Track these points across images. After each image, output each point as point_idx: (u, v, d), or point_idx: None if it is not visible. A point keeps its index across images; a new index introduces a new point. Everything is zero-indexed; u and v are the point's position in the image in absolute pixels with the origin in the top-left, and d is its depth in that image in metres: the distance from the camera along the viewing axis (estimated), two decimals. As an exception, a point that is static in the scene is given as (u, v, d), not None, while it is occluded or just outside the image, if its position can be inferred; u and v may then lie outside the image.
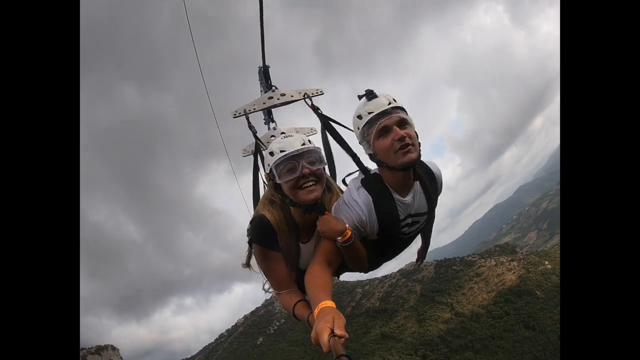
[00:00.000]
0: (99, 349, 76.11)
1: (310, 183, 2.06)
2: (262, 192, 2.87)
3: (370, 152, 2.12)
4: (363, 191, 2.13)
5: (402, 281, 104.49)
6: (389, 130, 2.00)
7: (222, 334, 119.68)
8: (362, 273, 2.56)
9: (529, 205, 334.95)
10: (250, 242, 2.23)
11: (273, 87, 3.60)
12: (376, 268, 2.58)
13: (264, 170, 2.22)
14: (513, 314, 77.21)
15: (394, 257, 2.56)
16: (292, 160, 2.05)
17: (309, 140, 2.17)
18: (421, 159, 2.16)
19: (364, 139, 2.12)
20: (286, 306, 2.23)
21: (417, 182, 2.21)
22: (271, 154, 2.11)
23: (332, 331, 1.34)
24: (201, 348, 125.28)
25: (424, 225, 2.40)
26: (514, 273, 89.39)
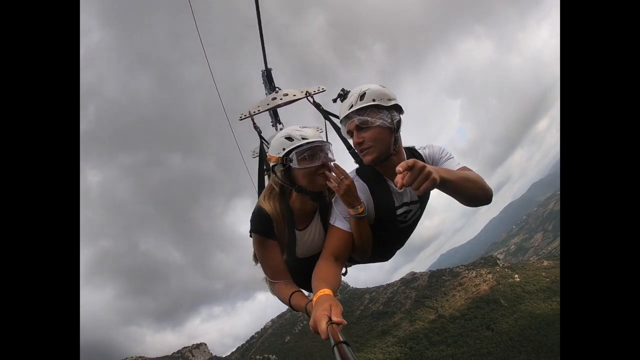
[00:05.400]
0: (197, 346, 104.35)
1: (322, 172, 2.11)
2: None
3: None
4: (358, 179, 2.13)
5: (401, 289, 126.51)
6: (352, 134, 2.05)
7: (253, 335, 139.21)
8: (367, 263, 2.56)
9: (538, 205, 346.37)
10: (250, 233, 2.23)
11: (276, 89, 3.64)
12: (385, 259, 2.59)
13: (271, 155, 2.14)
14: (480, 318, 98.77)
15: (399, 246, 2.55)
16: (313, 149, 2.06)
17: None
18: (417, 146, 2.23)
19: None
20: (282, 297, 2.23)
21: None
22: (289, 138, 2.08)
23: (330, 319, 1.32)
24: (234, 349, 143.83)
25: (420, 212, 2.36)
26: (487, 284, 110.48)
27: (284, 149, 2.08)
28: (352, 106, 2.01)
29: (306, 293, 2.25)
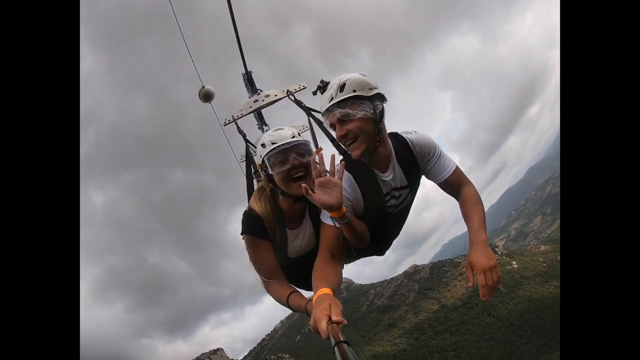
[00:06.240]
0: (215, 351, 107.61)
1: (300, 174, 2.09)
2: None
3: None
4: (345, 172, 2.03)
5: (405, 282, 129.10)
6: (334, 127, 2.00)
7: (263, 338, 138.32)
8: (377, 255, 2.57)
9: (535, 189, 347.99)
10: (241, 234, 2.23)
11: (258, 91, 3.62)
12: (381, 251, 2.57)
13: (257, 162, 2.20)
14: (481, 305, 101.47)
15: (394, 236, 2.51)
16: (283, 152, 2.08)
17: (299, 134, 2.18)
18: (400, 132, 2.17)
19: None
20: (278, 297, 2.21)
21: (395, 158, 2.14)
22: (263, 145, 2.13)
23: (330, 318, 1.32)
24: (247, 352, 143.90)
25: (410, 196, 2.32)
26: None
27: (261, 156, 2.15)
28: (332, 98, 1.96)
29: (303, 292, 2.24)
